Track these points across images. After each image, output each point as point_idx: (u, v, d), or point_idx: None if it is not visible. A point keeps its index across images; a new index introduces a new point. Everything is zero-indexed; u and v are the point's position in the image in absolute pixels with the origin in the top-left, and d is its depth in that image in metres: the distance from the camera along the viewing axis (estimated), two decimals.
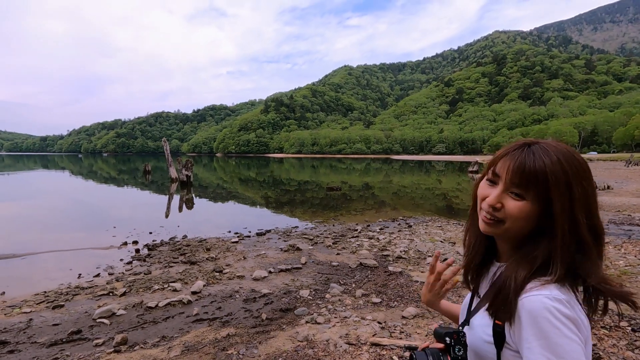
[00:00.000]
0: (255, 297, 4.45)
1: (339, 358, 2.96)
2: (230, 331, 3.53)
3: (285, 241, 7.63)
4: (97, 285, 5.06)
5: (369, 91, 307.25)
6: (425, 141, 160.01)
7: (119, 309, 4.05)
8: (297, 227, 9.60)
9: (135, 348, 3.22)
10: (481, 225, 0.84)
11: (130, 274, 5.54)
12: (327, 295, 4.47)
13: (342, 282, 4.99)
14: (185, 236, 8.31)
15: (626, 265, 5.31)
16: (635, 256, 5.84)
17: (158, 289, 4.79)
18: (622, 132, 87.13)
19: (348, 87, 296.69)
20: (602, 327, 3.35)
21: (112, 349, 3.17)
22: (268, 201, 16.66)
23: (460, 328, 0.86)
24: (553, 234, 0.75)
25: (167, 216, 12.06)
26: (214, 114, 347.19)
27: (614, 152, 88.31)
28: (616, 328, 3.34)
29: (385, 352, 3.04)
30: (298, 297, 4.44)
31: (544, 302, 0.68)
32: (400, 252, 6.48)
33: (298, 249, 6.84)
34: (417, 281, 4.93)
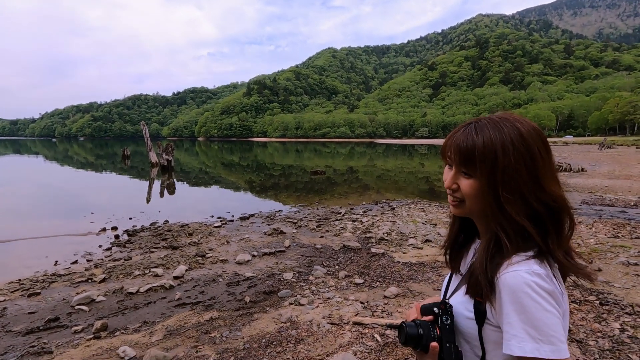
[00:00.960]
0: (239, 281, 4.45)
1: (322, 338, 3.01)
2: (214, 314, 3.53)
3: (269, 225, 7.62)
4: (75, 272, 4.94)
5: (353, 74, 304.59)
6: (409, 125, 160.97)
7: (98, 296, 3.98)
8: (281, 211, 9.58)
9: (115, 334, 3.18)
10: (451, 208, 0.86)
11: (109, 260, 5.43)
12: (311, 277, 4.51)
13: (325, 264, 5.04)
14: (166, 221, 8.18)
15: (596, 244, 5.56)
16: (605, 235, 6.12)
17: (139, 274, 4.71)
18: (597, 117, 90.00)
19: (332, 70, 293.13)
20: (572, 301, 3.52)
21: (92, 335, 3.12)
22: (252, 186, 16.53)
23: (447, 301, 0.87)
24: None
25: (148, 201, 11.82)
26: (195, 96, 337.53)
27: (588, 135, 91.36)
28: (585, 302, 3.51)
29: (367, 331, 3.10)
30: (282, 279, 4.47)
31: (524, 277, 0.69)
32: (383, 234, 6.58)
33: (282, 232, 6.84)
34: (399, 262, 5.03)
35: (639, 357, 2.56)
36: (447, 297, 0.90)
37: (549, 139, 0.77)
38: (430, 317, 0.84)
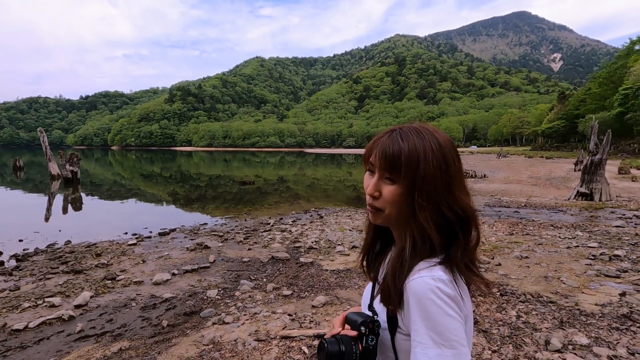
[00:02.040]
0: (156, 304, 4.05)
1: (247, 357, 2.86)
2: (123, 345, 3.13)
3: (192, 240, 7.13)
4: None
5: (282, 84, 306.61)
6: (337, 135, 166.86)
7: None
8: (206, 224, 9.07)
9: None
10: (369, 215, 0.83)
11: None
12: (237, 293, 4.30)
13: (252, 278, 4.86)
14: (68, 241, 7.16)
15: (497, 241, 6.30)
16: (503, 233, 6.97)
17: (29, 306, 4.00)
18: (495, 130, 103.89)
19: (260, 79, 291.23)
20: (479, 295, 3.90)
21: None
22: (175, 198, 15.44)
23: (376, 317, 0.82)
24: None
25: (47, 220, 10.26)
26: (108, 101, 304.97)
27: (489, 146, 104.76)
28: (489, 294, 3.92)
29: (294, 344, 3.04)
30: (205, 298, 4.18)
31: (428, 283, 0.69)
32: (312, 242, 6.61)
33: (206, 247, 6.45)
34: (327, 270, 5.08)
35: (531, 340, 2.92)
36: (369, 307, 0.88)
37: (458, 149, 0.80)
38: (354, 333, 0.79)
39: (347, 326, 0.83)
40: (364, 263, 0.95)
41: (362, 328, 0.78)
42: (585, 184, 11.14)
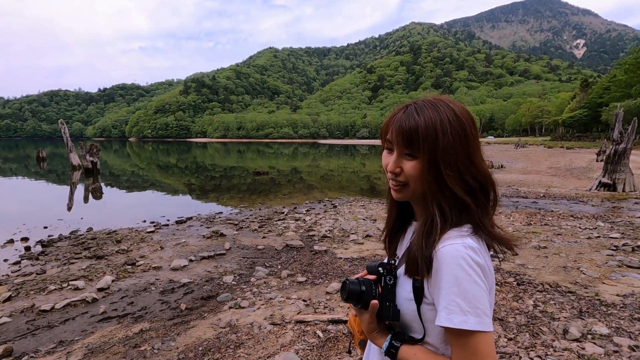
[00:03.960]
0: (174, 288, 4.16)
1: (263, 339, 2.92)
2: (144, 326, 3.24)
3: (208, 227, 7.27)
4: None
5: (295, 75, 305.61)
6: (350, 126, 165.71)
7: (1, 317, 3.44)
8: (221, 213, 9.21)
9: (23, 358, 2.77)
10: (392, 193, 0.85)
11: (18, 276, 4.74)
12: (252, 279, 4.37)
13: (267, 265, 4.93)
14: (90, 229, 7.40)
15: (514, 231, 6.19)
16: (521, 223, 6.84)
17: (55, 289, 4.18)
18: (513, 119, 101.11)
19: (274, 69, 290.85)
20: (495, 284, 3.86)
21: None
22: (190, 188, 15.70)
23: (392, 261, 0.87)
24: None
25: (69, 208, 10.61)
26: (125, 93, 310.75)
27: (506, 136, 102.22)
28: (505, 283, 3.88)
29: (309, 328, 3.08)
30: (221, 283, 4.27)
31: (459, 250, 0.70)
32: (326, 231, 6.64)
33: (222, 234, 6.57)
34: (341, 258, 5.11)
35: (548, 329, 2.88)
36: None
37: None
38: (374, 277, 0.84)
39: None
40: (386, 239, 0.97)
41: (380, 269, 0.84)
42: (608, 174, 10.77)
